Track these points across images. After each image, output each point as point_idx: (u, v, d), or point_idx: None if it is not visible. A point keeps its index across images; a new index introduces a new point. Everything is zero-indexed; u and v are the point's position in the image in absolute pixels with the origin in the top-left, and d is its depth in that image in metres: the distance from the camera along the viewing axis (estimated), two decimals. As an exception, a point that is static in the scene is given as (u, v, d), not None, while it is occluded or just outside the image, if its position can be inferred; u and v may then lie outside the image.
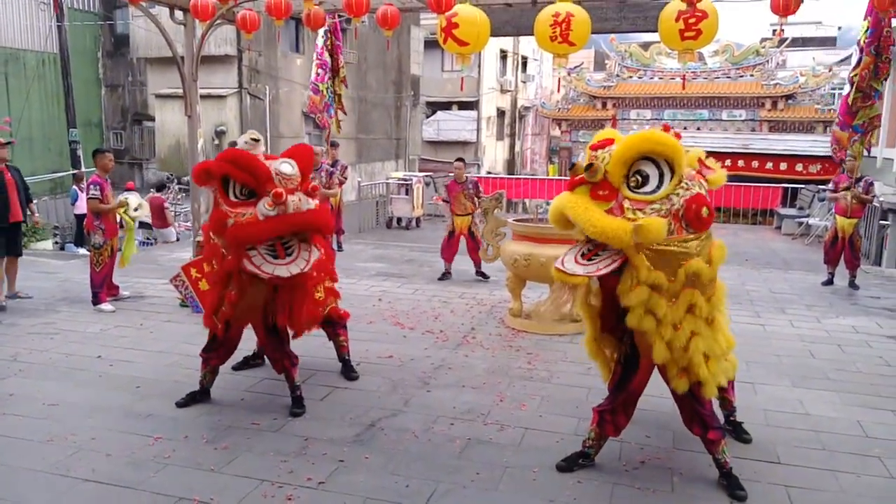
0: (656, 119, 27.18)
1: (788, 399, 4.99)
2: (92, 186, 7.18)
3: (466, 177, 9.11)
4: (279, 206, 3.96)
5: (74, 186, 11.91)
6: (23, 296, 7.55)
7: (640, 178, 3.28)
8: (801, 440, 4.31)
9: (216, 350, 4.69)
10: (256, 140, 4.27)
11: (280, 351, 4.63)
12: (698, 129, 26.18)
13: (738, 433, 4.29)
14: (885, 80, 8.88)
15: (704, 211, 3.30)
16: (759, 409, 4.74)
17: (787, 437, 4.35)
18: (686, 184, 3.33)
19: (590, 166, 3.25)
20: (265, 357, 5.38)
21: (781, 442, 4.26)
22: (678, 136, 3.44)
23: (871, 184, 8.90)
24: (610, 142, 3.38)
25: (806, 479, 3.81)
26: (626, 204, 3.26)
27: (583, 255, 3.38)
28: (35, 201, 8.41)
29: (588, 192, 3.31)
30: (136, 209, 7.52)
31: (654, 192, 3.28)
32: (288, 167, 4.14)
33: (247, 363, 5.46)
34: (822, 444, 4.27)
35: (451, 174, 9.44)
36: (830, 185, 9.19)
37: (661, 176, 3.27)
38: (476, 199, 8.80)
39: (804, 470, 3.92)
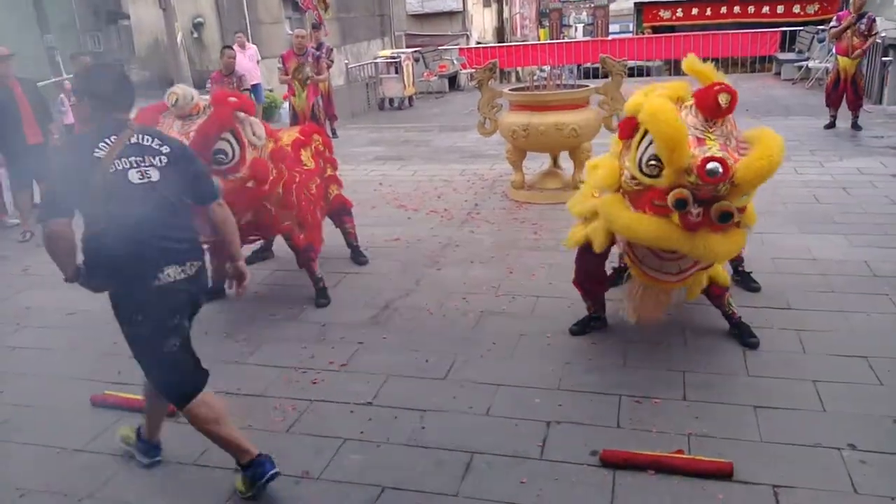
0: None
1: (796, 246, 5.03)
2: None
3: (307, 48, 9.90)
4: None
5: (62, 95, 11.52)
6: None
7: None
8: (810, 285, 4.37)
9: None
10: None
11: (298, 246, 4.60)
12: (692, -25, 24.97)
13: (747, 282, 4.36)
14: None
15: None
16: (768, 258, 4.78)
17: (797, 282, 4.41)
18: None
19: (728, 216, 2.95)
20: (272, 250, 5.43)
21: (791, 288, 4.33)
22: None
23: (874, 20, 8.58)
24: (722, 174, 2.88)
25: (816, 322, 3.89)
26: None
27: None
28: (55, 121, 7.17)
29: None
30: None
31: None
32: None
33: (256, 257, 5.48)
34: (830, 286, 4.34)
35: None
36: (833, 23, 8.88)
37: None
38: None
39: (814, 313, 4.00)
